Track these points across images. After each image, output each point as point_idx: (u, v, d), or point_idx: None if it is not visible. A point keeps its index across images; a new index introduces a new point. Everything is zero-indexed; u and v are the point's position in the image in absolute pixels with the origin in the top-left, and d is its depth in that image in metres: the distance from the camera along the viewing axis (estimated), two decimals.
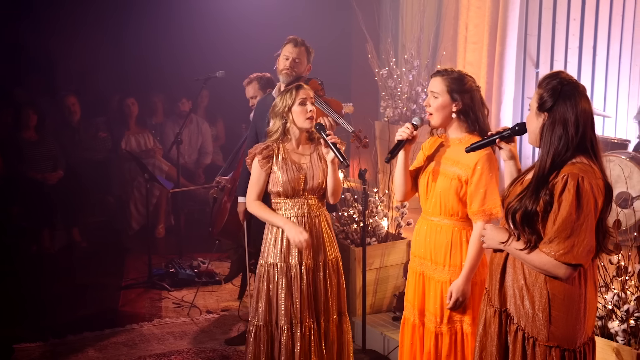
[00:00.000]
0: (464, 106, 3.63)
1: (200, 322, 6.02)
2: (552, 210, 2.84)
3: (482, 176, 3.55)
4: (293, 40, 5.24)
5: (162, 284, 6.85)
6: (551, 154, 2.88)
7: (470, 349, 3.64)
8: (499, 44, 8.61)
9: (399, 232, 5.84)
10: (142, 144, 8.86)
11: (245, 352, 4.39)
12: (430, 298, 3.74)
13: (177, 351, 5.42)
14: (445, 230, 3.70)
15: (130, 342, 5.59)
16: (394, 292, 5.71)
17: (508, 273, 3.04)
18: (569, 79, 2.95)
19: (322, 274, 4.26)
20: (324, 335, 4.28)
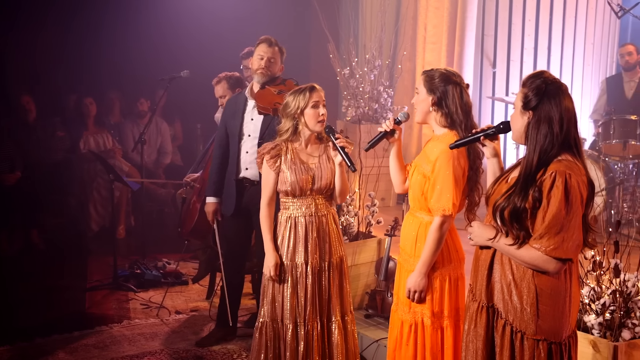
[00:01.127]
0: (438, 100, 3.72)
1: (170, 323, 5.98)
2: (540, 206, 2.89)
3: (439, 173, 3.63)
4: (267, 41, 5.28)
5: (128, 285, 6.77)
6: (537, 152, 2.95)
7: (429, 340, 3.73)
8: (458, 44, 8.75)
9: (369, 231, 5.89)
10: (100, 144, 8.76)
11: (251, 348, 4.42)
12: (402, 286, 3.84)
13: (149, 352, 5.38)
14: (415, 222, 3.82)
15: (101, 344, 5.52)
16: (365, 290, 5.76)
17: (495, 269, 3.09)
18: (552, 79, 3.02)
19: (327, 274, 4.31)
20: (327, 335, 4.31)
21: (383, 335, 5.20)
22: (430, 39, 8.96)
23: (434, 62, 8.95)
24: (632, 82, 8.32)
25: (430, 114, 3.75)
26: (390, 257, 5.47)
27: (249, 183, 5.29)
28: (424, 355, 3.72)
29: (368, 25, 8.71)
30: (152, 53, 9.13)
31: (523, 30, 9.24)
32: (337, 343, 4.29)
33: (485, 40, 9.19)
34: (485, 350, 3.12)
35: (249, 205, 5.31)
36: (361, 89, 8.28)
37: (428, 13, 8.95)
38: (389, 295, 5.46)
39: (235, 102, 5.43)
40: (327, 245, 4.29)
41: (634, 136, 7.29)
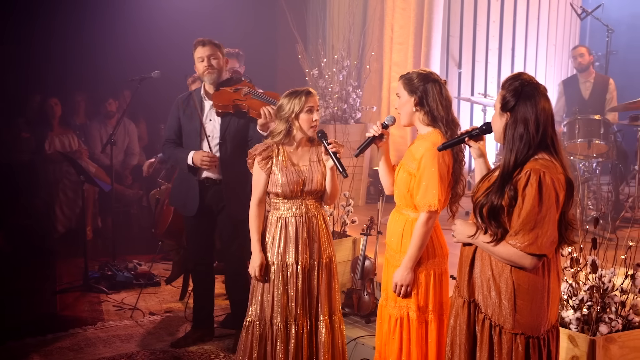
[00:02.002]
0: (420, 99, 3.80)
1: (145, 325, 5.96)
2: (516, 204, 2.98)
3: (425, 170, 3.72)
4: (200, 42, 5.30)
5: (99, 287, 6.73)
6: (514, 152, 3.03)
7: (414, 334, 3.81)
8: (425, 45, 8.86)
9: (344, 230, 5.95)
10: (66, 145, 8.66)
11: (237, 347, 4.44)
12: (390, 282, 3.91)
13: (126, 354, 5.36)
14: (401, 219, 3.89)
15: (76, 347, 5.49)
16: (341, 289, 5.80)
17: (476, 265, 3.17)
18: (529, 80, 3.10)
19: (316, 273, 4.35)
20: (315, 334, 4.35)
21: (361, 334, 5.27)
22: (397, 40, 9.07)
23: (401, 63, 9.05)
24: (588, 83, 8.50)
25: (415, 114, 3.83)
26: (366, 256, 5.53)
27: (210, 183, 5.31)
28: (409, 349, 3.80)
29: (336, 26, 8.76)
30: (119, 53, 9.05)
31: (488, 31, 9.42)
32: (325, 342, 4.33)
33: (451, 41, 9.34)
34: (468, 344, 3.20)
35: (211, 205, 5.33)
36: (330, 89, 8.32)
37: (395, 14, 9.05)
38: (365, 294, 5.52)
39: (188, 102, 5.38)
40: (316, 245, 4.33)
41: (597, 135, 7.46)
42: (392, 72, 9.11)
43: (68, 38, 8.86)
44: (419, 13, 8.96)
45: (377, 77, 9.09)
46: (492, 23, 9.42)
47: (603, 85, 8.41)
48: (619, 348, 3.83)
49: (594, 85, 8.41)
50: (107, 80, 9.19)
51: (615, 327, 3.85)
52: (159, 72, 6.96)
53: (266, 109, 5.00)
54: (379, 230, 5.64)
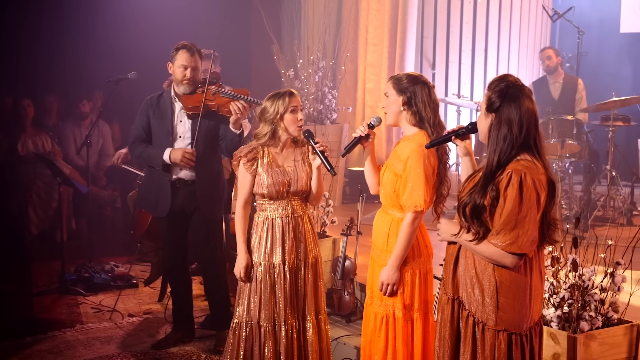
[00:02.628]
0: (408, 99, 3.84)
1: (124, 326, 5.94)
2: (498, 204, 3.03)
3: (410, 171, 3.76)
4: (189, 49, 5.21)
5: (76, 289, 6.69)
6: (497, 152, 3.08)
7: (401, 332, 3.86)
8: (399, 46, 8.94)
9: (324, 231, 5.98)
10: (39, 147, 8.59)
11: (225, 348, 4.45)
12: (375, 281, 3.96)
13: (106, 356, 5.33)
14: (387, 219, 3.94)
15: (55, 350, 5.46)
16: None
17: (460, 263, 3.23)
18: (515, 82, 3.16)
19: (302, 273, 4.39)
20: (303, 334, 4.38)
21: (342, 333, 5.31)
22: (371, 41, 9.14)
23: (376, 63, 9.13)
24: (557, 83, 8.64)
25: (401, 114, 3.88)
26: (347, 256, 5.57)
27: (182, 184, 5.30)
28: (395, 346, 3.85)
29: (310, 27, 8.80)
30: (92, 54, 9.03)
31: (461, 33, 9.52)
32: (312, 341, 4.37)
33: (425, 42, 9.43)
34: (451, 340, 3.25)
35: (183, 207, 5.33)
36: (306, 90, 8.36)
37: (369, 15, 9.13)
38: (345, 294, 5.57)
39: (158, 103, 5.34)
40: (303, 246, 4.37)
41: (570, 135, 7.59)
42: (367, 73, 9.19)
43: (39, 39, 8.80)
44: (394, 14, 9.05)
45: (351, 78, 9.15)
46: (465, 24, 9.53)
47: (572, 86, 8.54)
48: (599, 345, 3.90)
49: (563, 86, 8.55)
50: (79, 81, 9.15)
51: (596, 324, 3.93)
52: (135, 73, 6.95)
53: (235, 104, 4.99)
54: (358, 230, 5.68)
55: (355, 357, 5.02)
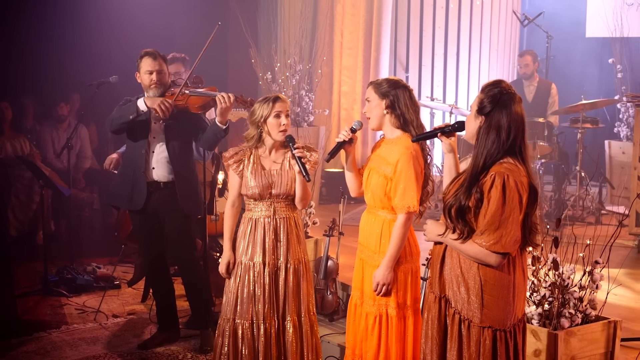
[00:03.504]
0: (391, 102, 3.91)
1: (109, 327, 5.93)
2: (482, 205, 3.11)
3: (402, 173, 3.82)
4: (151, 54, 5.25)
5: (59, 290, 6.67)
6: (484, 155, 3.16)
7: (394, 330, 3.92)
8: (374, 50, 9.03)
9: (306, 232, 6.01)
10: (18, 149, 8.51)
11: (214, 345, 4.54)
12: (367, 281, 4.00)
13: (93, 357, 5.33)
14: (378, 221, 3.98)
15: (42, 351, 5.44)
16: None
17: (446, 263, 3.29)
18: (508, 89, 3.22)
19: (283, 274, 4.42)
20: (283, 334, 4.42)
21: (325, 332, 5.35)
22: (346, 45, 9.22)
23: (351, 67, 9.21)
24: (532, 87, 8.79)
25: (384, 117, 3.94)
26: (329, 256, 5.63)
27: (155, 187, 5.34)
28: (387, 345, 3.90)
29: (287, 31, 8.84)
30: (69, 57, 8.97)
31: (433, 37, 9.64)
32: (291, 341, 4.40)
33: (398, 46, 9.53)
34: (439, 337, 3.31)
35: (157, 208, 5.37)
36: (283, 93, 8.40)
37: (344, 19, 9.20)
38: (328, 293, 5.62)
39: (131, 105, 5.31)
40: (284, 247, 4.42)
41: (541, 137, 7.73)
42: (342, 76, 9.27)
43: (15, 41, 8.72)
44: (368, 19, 9.14)
45: (327, 81, 9.22)
46: (437, 29, 9.64)
47: (546, 90, 8.70)
48: (579, 341, 3.99)
49: (537, 90, 8.70)
50: (55, 83, 9.09)
51: (575, 321, 4.02)
52: (116, 77, 6.95)
53: (221, 94, 5.01)
54: (340, 231, 5.74)
55: (338, 355, 5.07)
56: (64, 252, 7.65)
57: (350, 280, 5.71)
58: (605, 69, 9.42)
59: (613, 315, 4.27)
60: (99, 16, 9.12)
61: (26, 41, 8.83)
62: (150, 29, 8.78)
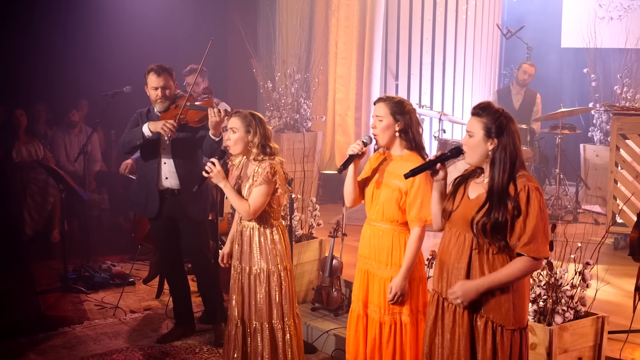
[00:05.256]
0: (405, 126, 3.94)
1: (128, 322, 6.01)
2: (519, 217, 3.14)
3: (420, 188, 3.84)
4: (155, 71, 5.29)
5: (78, 287, 6.72)
6: (507, 172, 3.18)
7: (408, 336, 3.93)
8: (366, 60, 9.14)
9: (311, 232, 6.13)
10: (32, 153, 8.58)
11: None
12: (375, 292, 3.99)
13: (116, 350, 5.41)
14: (387, 234, 3.96)
15: (68, 345, 5.51)
16: (310, 286, 6.01)
17: (474, 275, 3.26)
18: (504, 110, 3.30)
19: (247, 281, 4.41)
20: (252, 337, 4.41)
21: (331, 326, 5.47)
22: (340, 55, 9.32)
23: (345, 75, 9.32)
24: (519, 95, 8.96)
25: (395, 138, 3.96)
26: (334, 256, 5.74)
27: (169, 193, 5.41)
28: (403, 349, 3.92)
29: (285, 43, 8.92)
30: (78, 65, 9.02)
31: (421, 47, 9.76)
32: (262, 347, 4.38)
33: (389, 56, 9.63)
34: (467, 348, 3.28)
35: (172, 213, 5.44)
36: (283, 101, 8.50)
37: (339, 31, 9.30)
38: (333, 290, 5.73)
39: (147, 116, 5.42)
40: (247, 256, 4.41)
41: (525, 142, 7.89)
42: (337, 84, 9.38)
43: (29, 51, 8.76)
44: (361, 31, 9.24)
45: (322, 89, 9.32)
46: (425, 40, 9.76)
47: (531, 99, 8.88)
48: (570, 335, 4.13)
49: (524, 98, 8.87)
50: (66, 91, 9.14)
51: (567, 317, 4.16)
52: (130, 87, 7.03)
53: (212, 110, 4.99)
54: (344, 232, 5.85)
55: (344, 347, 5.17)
56: (77, 250, 7.69)
57: (352, 277, 5.85)
58: (579, 78, 9.57)
59: (598, 310, 4.38)
60: (108, 27, 9.15)
61: (39, 51, 8.87)
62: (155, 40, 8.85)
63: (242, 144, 4.33)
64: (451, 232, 3.36)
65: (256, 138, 4.32)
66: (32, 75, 8.98)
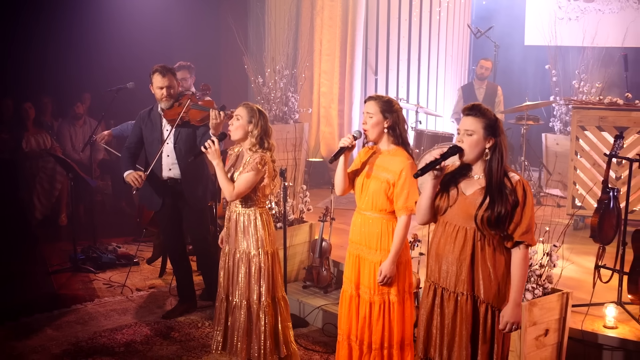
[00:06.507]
0: (393, 123, 3.99)
1: (135, 300, 6.06)
2: (518, 207, 3.18)
3: (406, 180, 3.88)
4: (160, 71, 5.31)
5: (87, 267, 6.75)
6: (502, 167, 3.21)
7: (396, 314, 3.99)
8: (349, 56, 9.18)
9: (302, 217, 6.19)
10: (41, 144, 8.55)
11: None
12: (365, 275, 4.04)
13: (125, 325, 5.47)
14: (376, 222, 4.01)
15: (81, 321, 5.56)
16: (301, 266, 6.08)
17: (478, 264, 3.28)
18: (490, 110, 3.36)
19: (232, 261, 4.45)
20: (232, 313, 4.45)
21: (321, 303, 5.57)
22: (325, 52, 9.35)
23: (329, 71, 9.36)
24: (482, 89, 9.06)
25: (384, 134, 4.01)
26: (323, 238, 5.82)
27: (172, 182, 5.46)
28: (390, 326, 3.99)
29: (274, 41, 8.93)
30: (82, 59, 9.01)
31: (398, 45, 9.80)
32: (240, 323, 4.41)
33: (369, 53, 9.68)
34: (468, 332, 3.31)
35: (175, 200, 5.50)
36: (273, 95, 8.53)
37: (323, 30, 9.33)
38: (323, 269, 5.82)
39: (149, 116, 5.49)
40: (232, 238, 4.46)
41: None
42: (321, 79, 9.42)
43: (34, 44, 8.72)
44: (343, 30, 9.28)
45: (308, 84, 9.35)
46: (402, 38, 9.80)
47: (493, 92, 8.99)
48: (539, 310, 4.24)
49: (486, 91, 8.97)
50: (71, 84, 9.11)
51: (537, 294, 4.27)
52: (133, 83, 7.04)
53: (213, 112, 5.00)
54: (332, 217, 5.93)
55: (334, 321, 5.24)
56: (83, 233, 7.69)
57: (339, 258, 5.96)
58: (541, 73, 9.67)
59: (563, 286, 4.49)
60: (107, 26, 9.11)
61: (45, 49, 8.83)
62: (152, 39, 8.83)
63: (242, 132, 4.38)
64: (447, 227, 3.35)
65: (256, 130, 4.37)
66: (39, 70, 8.93)
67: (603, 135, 7.01)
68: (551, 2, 10.18)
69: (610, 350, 4.54)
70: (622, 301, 4.92)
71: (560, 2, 10.18)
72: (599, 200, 5.25)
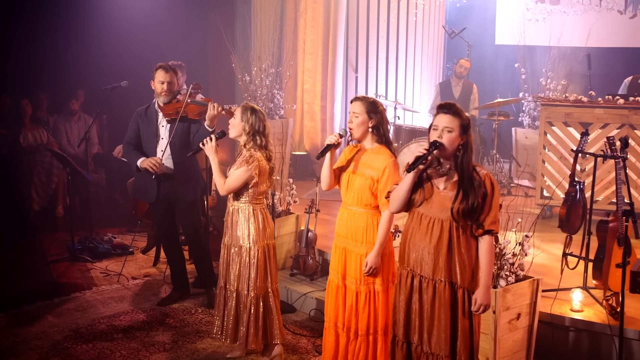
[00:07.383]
0: (377, 123, 4.01)
1: (131, 288, 6.05)
2: (487, 199, 3.26)
3: (390, 177, 3.91)
4: (164, 68, 5.37)
5: (84, 257, 6.73)
6: (471, 162, 3.29)
7: (380, 302, 4.03)
8: (331, 55, 9.19)
9: (288, 209, 6.21)
10: (37, 139, 8.49)
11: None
12: (351, 266, 4.07)
13: (123, 312, 5.47)
14: (361, 216, 4.03)
15: (81, 308, 5.55)
16: (288, 255, 6.11)
17: (454, 251, 3.34)
18: (464, 111, 3.40)
19: (228, 253, 4.52)
20: (226, 300, 4.52)
21: (307, 290, 5.61)
22: (308, 51, 9.35)
23: (312, 69, 9.36)
24: (458, 87, 9.10)
25: (368, 133, 4.03)
26: (309, 229, 5.85)
27: (165, 177, 5.45)
28: (376, 314, 4.04)
29: (260, 40, 8.90)
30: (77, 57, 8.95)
31: (377, 44, 9.83)
32: (229, 308, 4.50)
33: (349, 52, 9.69)
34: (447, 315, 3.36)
35: (168, 194, 5.49)
36: (259, 92, 8.52)
37: (306, 30, 9.32)
38: (309, 258, 5.85)
39: (146, 112, 5.49)
40: (229, 232, 4.53)
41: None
42: (305, 77, 9.41)
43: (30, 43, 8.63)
44: (325, 30, 9.29)
45: (292, 81, 9.34)
46: (381, 38, 9.83)
47: (469, 89, 9.04)
48: (512, 295, 4.29)
49: (462, 88, 9.01)
50: (66, 81, 9.04)
51: (510, 281, 4.32)
52: (127, 82, 7.00)
53: (212, 105, 5.09)
54: (317, 208, 5.96)
55: (320, 307, 5.29)
56: (79, 224, 7.64)
57: (325, 247, 5.99)
58: (511, 71, 9.74)
59: (533, 273, 4.54)
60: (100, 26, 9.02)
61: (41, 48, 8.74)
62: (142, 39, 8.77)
63: (236, 130, 4.44)
64: (423, 219, 3.39)
65: (247, 127, 4.40)
66: (36, 68, 8.85)
67: (569, 130, 7.09)
68: (520, 4, 10.24)
69: (577, 331, 4.62)
70: (587, 286, 5.01)
71: (528, 4, 10.24)
72: (567, 193, 5.33)
